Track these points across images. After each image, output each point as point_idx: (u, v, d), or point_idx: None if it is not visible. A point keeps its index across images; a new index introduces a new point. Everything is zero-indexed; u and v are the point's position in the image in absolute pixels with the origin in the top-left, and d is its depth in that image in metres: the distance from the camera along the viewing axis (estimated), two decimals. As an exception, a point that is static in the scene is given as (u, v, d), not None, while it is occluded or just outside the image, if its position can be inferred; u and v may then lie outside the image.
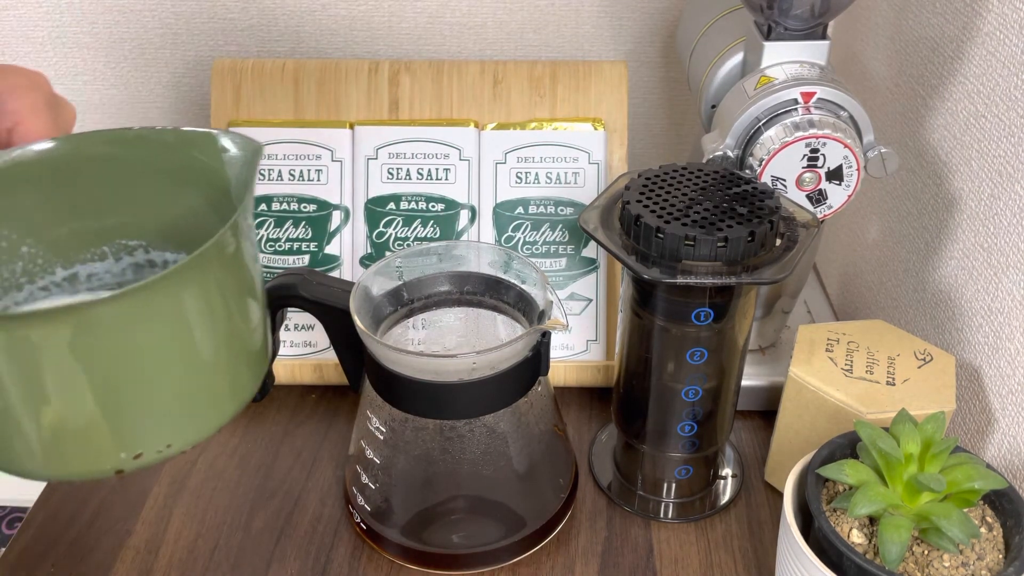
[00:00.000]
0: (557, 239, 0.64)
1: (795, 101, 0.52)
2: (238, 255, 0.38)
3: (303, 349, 0.65)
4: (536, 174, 0.64)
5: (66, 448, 0.36)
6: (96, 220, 0.43)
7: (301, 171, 0.64)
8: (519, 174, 0.64)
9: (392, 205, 0.64)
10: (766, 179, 0.53)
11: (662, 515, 0.56)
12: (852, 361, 0.53)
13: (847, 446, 0.46)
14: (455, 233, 0.63)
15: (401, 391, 0.49)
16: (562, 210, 0.63)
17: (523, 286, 0.53)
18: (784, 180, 0.53)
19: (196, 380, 0.38)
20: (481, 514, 0.53)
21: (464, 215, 0.63)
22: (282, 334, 0.61)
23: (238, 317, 0.39)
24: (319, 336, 0.64)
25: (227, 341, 0.38)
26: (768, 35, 0.54)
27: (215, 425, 0.39)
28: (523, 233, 0.64)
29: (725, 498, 0.57)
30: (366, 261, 0.64)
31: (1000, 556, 0.42)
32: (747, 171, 0.53)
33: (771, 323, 0.66)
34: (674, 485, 0.57)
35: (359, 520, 0.53)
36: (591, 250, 0.64)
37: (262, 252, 0.64)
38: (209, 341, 0.38)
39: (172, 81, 0.84)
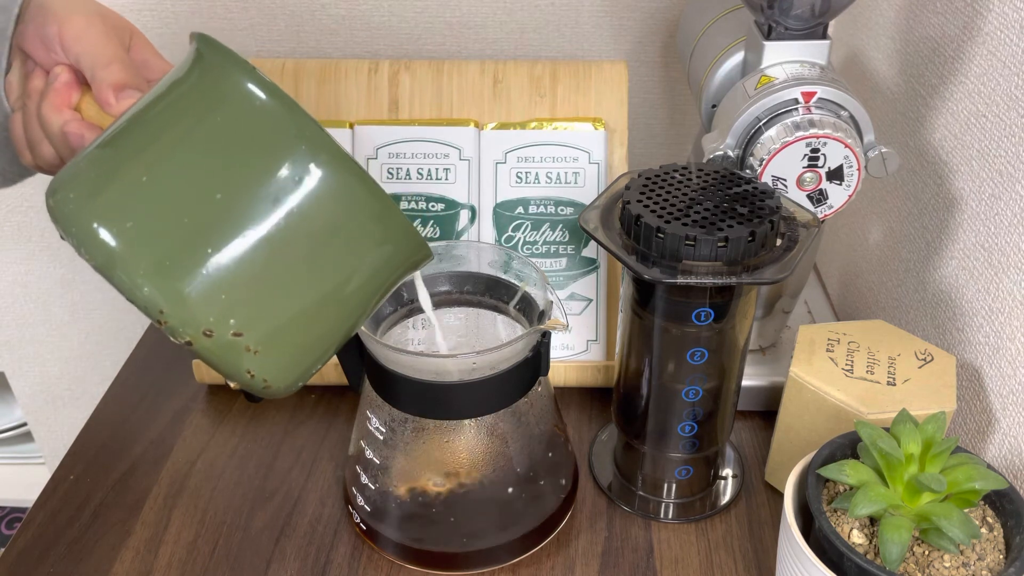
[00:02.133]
0: (557, 239, 0.63)
1: (795, 101, 0.52)
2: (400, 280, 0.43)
3: (303, 349, 0.64)
4: (536, 174, 0.63)
5: (209, 266, 0.35)
6: None
7: (301, 171, 0.64)
8: (519, 174, 0.64)
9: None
10: (766, 179, 0.53)
11: (662, 515, 0.56)
12: (853, 361, 0.53)
13: (847, 446, 0.46)
14: (455, 233, 0.63)
15: (401, 391, 0.49)
16: (562, 210, 0.63)
17: (523, 286, 0.53)
18: (785, 180, 0.53)
19: (327, 324, 0.40)
20: (481, 514, 0.53)
21: (464, 215, 0.63)
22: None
23: (367, 312, 0.42)
24: (319, 336, 0.64)
25: (354, 320, 0.41)
26: (768, 35, 0.54)
27: (278, 373, 0.39)
28: (523, 233, 0.64)
29: (725, 498, 0.57)
30: (366, 261, 0.64)
31: (1001, 556, 0.42)
32: (747, 171, 0.53)
33: (771, 323, 0.66)
34: (674, 485, 0.57)
35: (359, 520, 0.53)
36: (591, 250, 0.64)
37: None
38: (360, 307, 0.41)
39: (172, 81, 0.84)
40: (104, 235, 0.35)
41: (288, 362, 0.39)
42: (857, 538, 0.42)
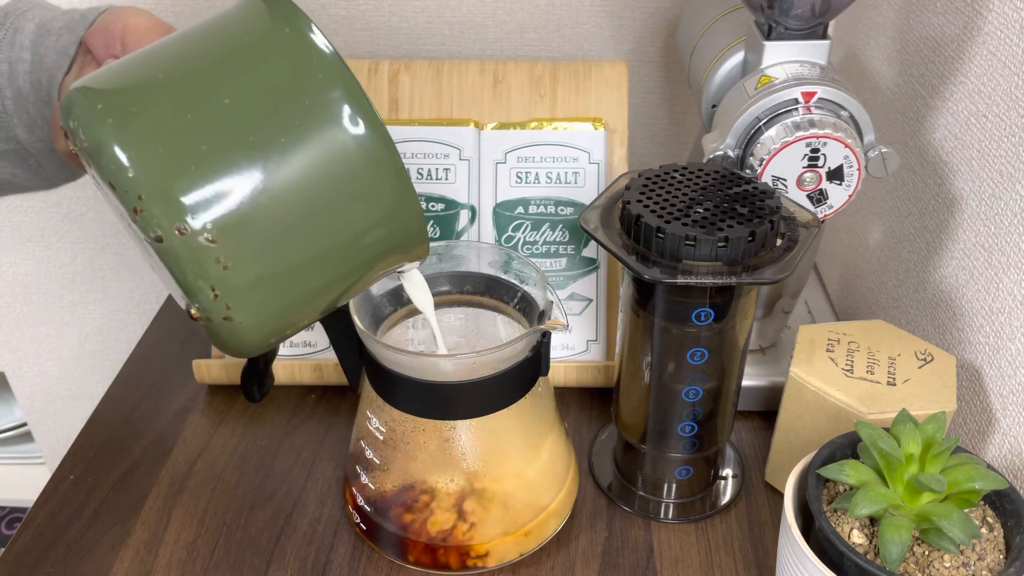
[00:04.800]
0: (557, 239, 0.63)
1: (796, 101, 0.52)
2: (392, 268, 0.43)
3: (303, 349, 0.64)
4: (536, 174, 0.63)
5: (181, 172, 0.35)
6: None
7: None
8: (519, 174, 0.64)
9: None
10: (767, 179, 0.53)
11: (662, 515, 0.56)
12: (853, 361, 0.53)
13: (848, 446, 0.46)
14: (455, 233, 0.63)
15: (401, 391, 0.49)
16: (562, 210, 0.63)
17: (523, 286, 0.53)
18: (785, 180, 0.53)
19: (309, 277, 0.39)
20: (481, 514, 0.53)
21: (464, 215, 0.63)
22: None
23: (354, 290, 0.42)
24: (319, 336, 0.64)
25: (335, 292, 0.41)
26: (768, 35, 0.54)
27: (242, 306, 0.38)
28: (523, 233, 0.64)
29: (725, 498, 0.57)
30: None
31: (1001, 556, 0.42)
32: (747, 171, 0.53)
33: (772, 323, 0.66)
34: (674, 485, 0.57)
35: (359, 520, 0.53)
36: (591, 250, 0.64)
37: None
38: (343, 276, 0.41)
39: (172, 81, 0.84)
40: (105, 115, 0.35)
41: (256, 296, 0.38)
42: (857, 538, 0.42)
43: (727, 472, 0.59)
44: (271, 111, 0.36)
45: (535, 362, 0.50)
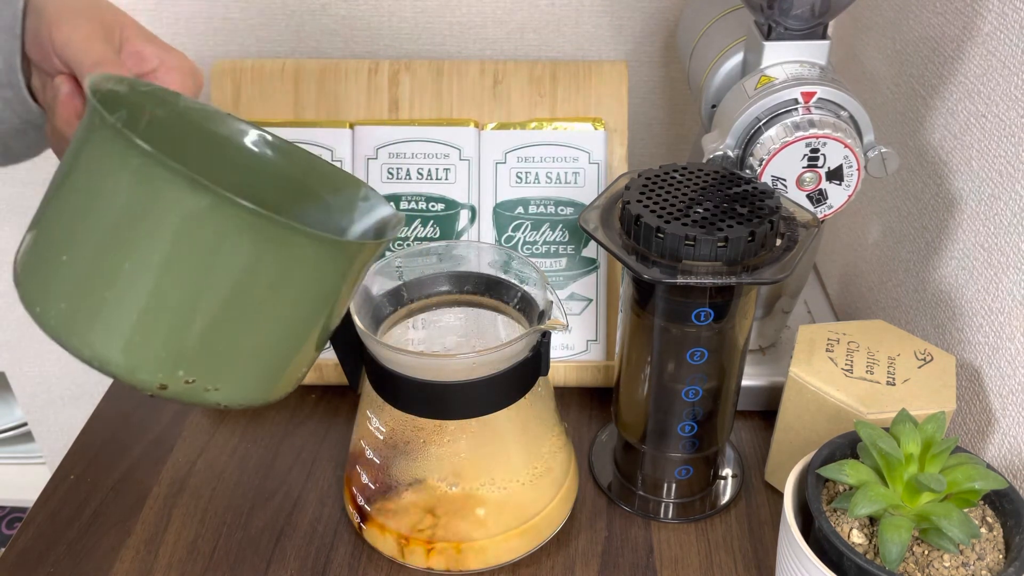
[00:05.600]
0: (557, 239, 0.64)
1: (795, 101, 0.52)
2: (361, 274, 0.42)
3: (303, 349, 0.64)
4: (536, 174, 0.63)
5: (138, 332, 0.36)
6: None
7: (301, 171, 0.64)
8: (519, 174, 0.64)
9: (392, 205, 0.64)
10: (766, 179, 0.53)
11: (662, 515, 0.56)
12: (852, 361, 0.53)
13: (847, 446, 0.46)
14: (455, 233, 0.63)
15: (401, 391, 0.49)
16: (562, 210, 0.63)
17: (523, 286, 0.53)
18: (784, 180, 0.53)
19: (279, 347, 0.40)
20: (481, 514, 0.53)
21: (464, 215, 0.63)
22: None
23: (333, 319, 0.42)
24: (319, 336, 0.64)
25: (317, 332, 0.41)
26: (768, 35, 0.54)
27: (248, 397, 0.40)
28: (523, 233, 0.64)
29: (725, 498, 0.57)
30: (366, 261, 0.64)
31: (1000, 556, 0.42)
32: (747, 171, 0.53)
33: (771, 323, 0.66)
34: (674, 485, 0.57)
35: (359, 520, 0.53)
36: (591, 250, 0.64)
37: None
38: (312, 321, 0.41)
39: (172, 81, 0.84)
40: (44, 317, 0.37)
41: (256, 386, 0.40)
42: (857, 538, 0.42)
43: (727, 472, 0.59)
44: (171, 255, 0.36)
45: (535, 362, 0.50)
